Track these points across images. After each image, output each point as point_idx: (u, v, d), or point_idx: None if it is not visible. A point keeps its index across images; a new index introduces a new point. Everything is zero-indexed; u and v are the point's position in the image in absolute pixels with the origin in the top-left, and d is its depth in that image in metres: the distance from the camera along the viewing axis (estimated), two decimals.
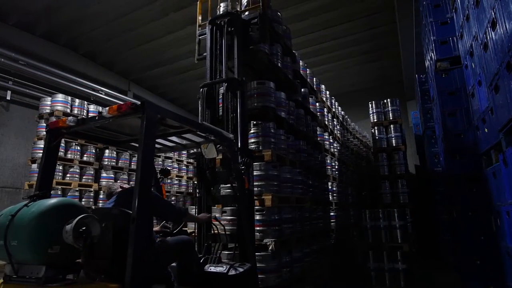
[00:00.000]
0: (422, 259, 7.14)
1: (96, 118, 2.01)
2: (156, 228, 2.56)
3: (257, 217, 3.36)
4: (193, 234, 3.16)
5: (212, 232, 2.95)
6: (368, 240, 5.48)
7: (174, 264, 2.38)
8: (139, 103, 1.82)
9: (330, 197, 5.91)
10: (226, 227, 2.91)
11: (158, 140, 2.64)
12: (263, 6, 3.72)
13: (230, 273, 2.38)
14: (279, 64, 4.23)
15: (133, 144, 2.74)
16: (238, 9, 4.06)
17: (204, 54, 3.70)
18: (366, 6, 8.12)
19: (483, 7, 2.75)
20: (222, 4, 4.20)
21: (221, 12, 4.07)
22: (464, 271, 4.51)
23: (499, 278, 3.18)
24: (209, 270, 2.47)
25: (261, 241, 3.26)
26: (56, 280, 1.66)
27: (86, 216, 1.71)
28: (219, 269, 2.44)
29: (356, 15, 8.50)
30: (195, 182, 10.35)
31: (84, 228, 1.67)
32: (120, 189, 2.48)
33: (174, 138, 2.65)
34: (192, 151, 3.15)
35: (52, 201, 1.79)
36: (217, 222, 2.90)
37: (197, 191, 3.12)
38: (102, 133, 2.46)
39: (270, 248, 3.17)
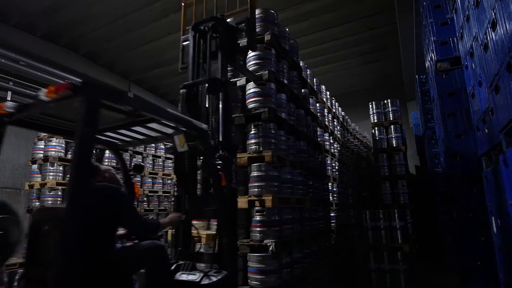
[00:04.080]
0: (422, 260, 7.14)
1: (35, 102, 1.77)
2: (122, 232, 2.36)
3: (258, 218, 3.37)
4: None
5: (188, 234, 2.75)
6: (368, 240, 5.48)
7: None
8: (81, 81, 1.58)
9: (331, 197, 5.91)
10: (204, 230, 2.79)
11: (124, 132, 2.41)
12: (251, 9, 3.37)
13: (203, 282, 2.15)
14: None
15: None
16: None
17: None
18: (366, 6, 8.12)
19: (483, 8, 2.75)
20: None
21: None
22: (464, 271, 4.51)
23: (499, 278, 3.18)
24: (180, 278, 2.24)
25: (261, 242, 3.26)
26: None
27: (2, 218, 1.53)
28: (191, 277, 2.21)
29: (356, 16, 8.50)
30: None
31: (1, 232, 1.48)
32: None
33: (142, 130, 2.36)
34: (170, 145, 2.91)
35: None
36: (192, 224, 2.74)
37: (175, 189, 2.81)
38: (53, 122, 2.18)
39: (270, 249, 3.16)
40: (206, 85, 2.86)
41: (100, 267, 1.80)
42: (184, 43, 3.44)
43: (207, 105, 2.81)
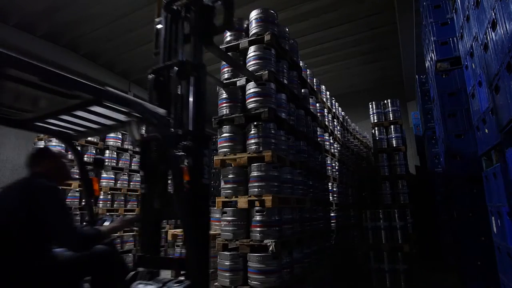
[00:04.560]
0: (422, 260, 7.14)
1: None
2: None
3: (258, 218, 3.37)
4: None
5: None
6: (368, 240, 5.48)
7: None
8: None
9: (331, 197, 5.91)
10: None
11: (75, 120, 2.12)
12: None
13: None
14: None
15: (39, 124, 2.19)
16: None
17: None
18: (366, 6, 8.13)
19: (483, 8, 2.75)
20: None
21: None
22: (464, 272, 4.51)
23: (499, 279, 3.18)
24: None
25: (261, 242, 3.26)
26: None
27: None
28: (148, 287, 1.98)
29: (356, 16, 8.50)
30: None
31: None
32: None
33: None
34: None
35: None
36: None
37: (141, 186, 2.43)
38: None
39: (270, 249, 3.17)
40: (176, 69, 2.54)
41: (24, 274, 1.62)
42: (158, 26, 3.13)
43: (179, 92, 2.52)
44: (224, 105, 3.88)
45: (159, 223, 2.40)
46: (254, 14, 4.11)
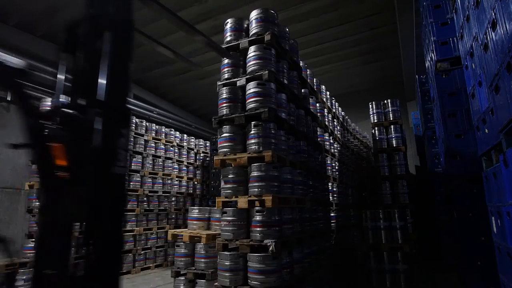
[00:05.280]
0: (422, 260, 7.14)
1: None
2: None
3: (258, 218, 3.37)
4: None
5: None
6: (368, 240, 5.48)
7: None
8: None
9: (331, 197, 5.91)
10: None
11: None
12: None
13: None
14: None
15: None
16: None
17: None
18: (366, 6, 8.13)
19: (483, 8, 2.75)
20: None
21: None
22: (464, 272, 4.51)
23: (499, 279, 3.18)
24: None
25: (261, 242, 3.26)
26: None
27: None
28: None
29: (357, 16, 8.50)
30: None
31: None
32: None
33: None
34: None
35: None
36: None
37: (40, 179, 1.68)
38: None
39: (270, 249, 3.17)
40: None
41: None
42: None
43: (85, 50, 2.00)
44: (224, 105, 3.89)
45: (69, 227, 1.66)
46: (254, 14, 4.12)
